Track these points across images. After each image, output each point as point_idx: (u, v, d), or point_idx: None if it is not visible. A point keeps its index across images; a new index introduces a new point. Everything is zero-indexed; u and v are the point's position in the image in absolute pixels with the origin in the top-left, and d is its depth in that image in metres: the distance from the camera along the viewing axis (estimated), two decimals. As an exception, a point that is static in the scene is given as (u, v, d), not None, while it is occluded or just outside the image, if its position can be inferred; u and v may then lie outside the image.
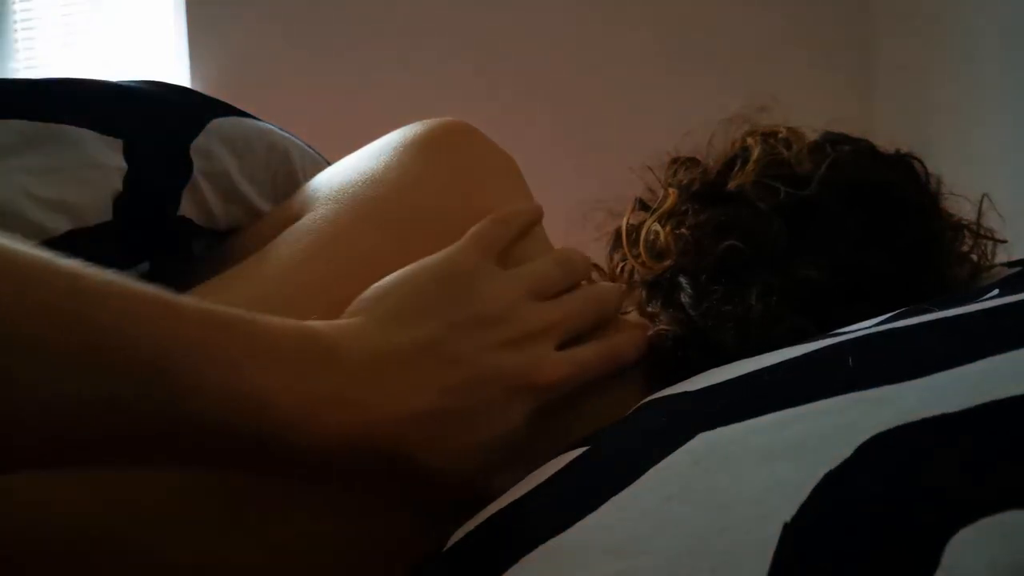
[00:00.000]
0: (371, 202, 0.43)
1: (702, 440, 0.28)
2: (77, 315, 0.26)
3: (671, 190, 0.56)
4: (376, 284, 0.37)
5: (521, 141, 0.65)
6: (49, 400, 0.26)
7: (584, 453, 0.33)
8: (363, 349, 0.33)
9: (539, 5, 1.93)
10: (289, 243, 0.42)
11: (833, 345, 0.31)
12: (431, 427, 0.33)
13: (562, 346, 0.38)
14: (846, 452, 0.23)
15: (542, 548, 0.28)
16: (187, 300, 0.30)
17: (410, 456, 0.32)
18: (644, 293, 0.54)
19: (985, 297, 0.34)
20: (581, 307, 0.40)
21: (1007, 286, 0.38)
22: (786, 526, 0.22)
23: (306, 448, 0.30)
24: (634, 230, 0.57)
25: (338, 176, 0.46)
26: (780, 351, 0.33)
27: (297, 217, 0.45)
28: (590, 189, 0.63)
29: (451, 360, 0.34)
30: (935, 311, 0.31)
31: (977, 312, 0.30)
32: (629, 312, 0.56)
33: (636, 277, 0.56)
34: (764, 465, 0.25)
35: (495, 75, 1.88)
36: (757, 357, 0.34)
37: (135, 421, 0.28)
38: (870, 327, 0.33)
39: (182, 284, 0.45)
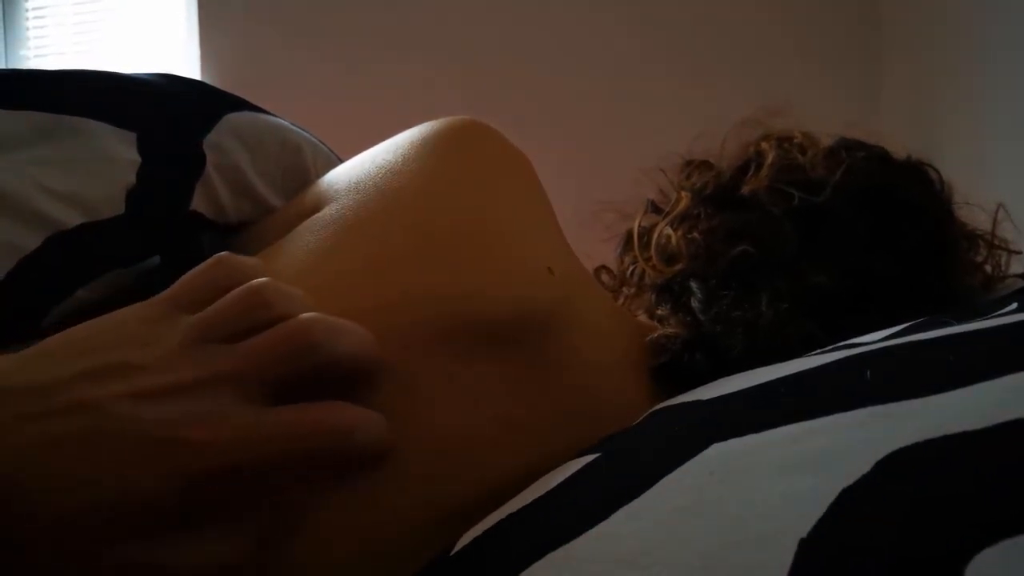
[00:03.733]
0: (393, 194, 0.42)
1: (716, 451, 0.27)
2: None
3: (683, 193, 0.56)
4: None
5: (532, 140, 0.64)
6: None
7: (595, 460, 0.33)
8: None
9: (551, 5, 1.93)
10: (311, 233, 0.42)
11: (850, 357, 0.31)
12: (41, 476, 0.28)
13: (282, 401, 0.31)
14: (864, 468, 0.23)
15: (551, 556, 0.28)
16: None
17: (9, 505, 0.28)
18: (654, 296, 0.54)
19: (1004, 311, 0.33)
20: (265, 353, 0.31)
21: (1025, 299, 0.37)
22: (802, 542, 0.22)
23: None
24: (645, 232, 0.57)
25: (355, 170, 0.46)
26: (795, 361, 0.33)
27: (311, 212, 0.44)
28: (600, 189, 0.63)
29: (74, 406, 0.29)
30: (954, 324, 0.31)
31: (999, 327, 0.29)
32: (638, 315, 0.56)
33: (646, 280, 0.56)
34: (780, 479, 0.24)
35: (507, 74, 1.88)
36: (772, 367, 0.33)
37: None
38: (888, 339, 0.32)
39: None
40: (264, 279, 0.33)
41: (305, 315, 0.32)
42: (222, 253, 0.34)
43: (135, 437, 0.29)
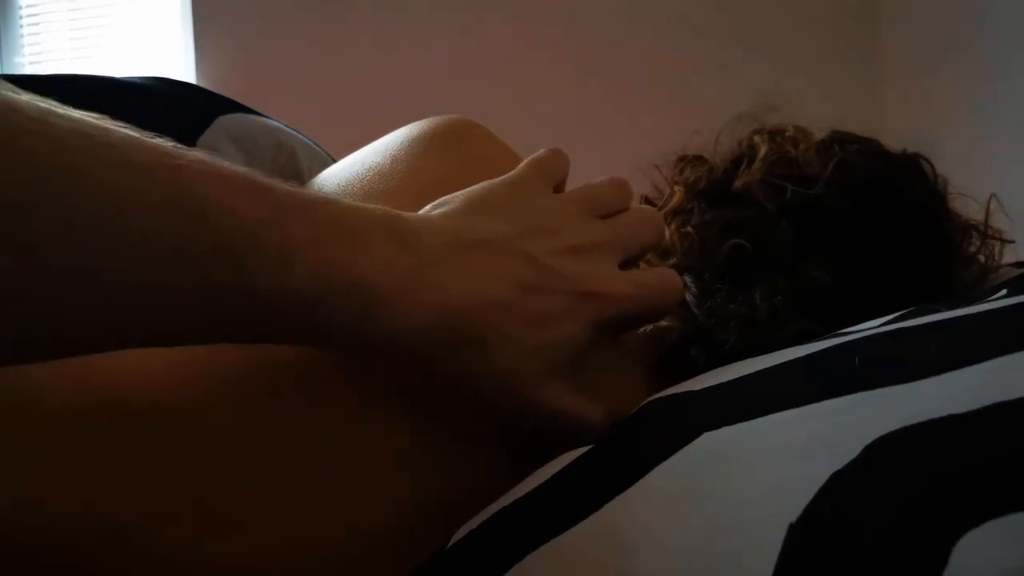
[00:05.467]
0: (382, 196, 0.42)
1: (707, 440, 0.28)
2: (165, 200, 0.27)
3: (677, 188, 0.56)
4: (441, 198, 0.37)
5: (527, 139, 0.64)
6: (139, 289, 0.27)
7: (588, 451, 0.33)
8: (445, 235, 0.33)
9: (545, 6, 1.93)
10: None
11: (839, 345, 0.31)
12: (504, 318, 0.33)
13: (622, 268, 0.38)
14: (853, 453, 0.23)
15: (546, 546, 0.28)
16: (270, 181, 0.31)
17: (483, 344, 0.33)
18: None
19: (993, 297, 0.34)
20: (636, 226, 0.39)
21: (1015, 286, 0.37)
22: (791, 527, 0.22)
23: (390, 326, 0.31)
24: (640, 228, 0.57)
25: (345, 172, 0.46)
26: (786, 351, 0.33)
27: (303, 214, 0.44)
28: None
29: (526, 258, 0.34)
30: (943, 311, 0.31)
31: (985, 312, 0.30)
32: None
33: (641, 275, 0.56)
34: (769, 465, 0.25)
35: (501, 72, 1.88)
36: (763, 356, 0.34)
37: (225, 304, 0.28)
38: (876, 326, 0.33)
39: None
40: (617, 177, 0.41)
41: (648, 208, 0.42)
42: (558, 148, 0.41)
43: (564, 287, 0.35)
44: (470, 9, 1.93)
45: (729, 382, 0.32)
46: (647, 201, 0.59)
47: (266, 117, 0.54)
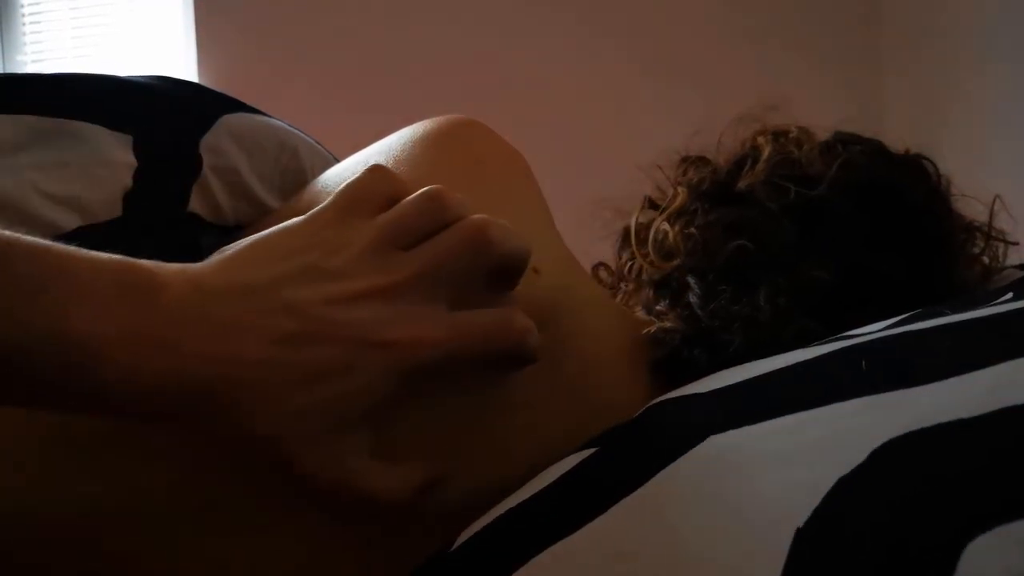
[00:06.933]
0: None
1: (713, 443, 0.28)
2: None
3: (680, 189, 0.56)
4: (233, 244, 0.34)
5: (530, 139, 0.64)
6: None
7: (593, 454, 0.33)
8: (188, 289, 0.30)
9: (547, 3, 1.93)
10: None
11: (846, 348, 0.31)
12: (257, 377, 0.30)
13: (457, 303, 0.33)
14: (860, 457, 0.23)
15: (550, 550, 0.28)
16: None
17: (232, 406, 0.30)
18: (652, 292, 0.54)
19: (999, 301, 0.33)
20: (456, 249, 0.33)
21: (1021, 289, 0.37)
22: (798, 532, 0.22)
23: (113, 386, 0.28)
24: (643, 229, 0.57)
25: (347, 171, 0.46)
26: (792, 353, 0.33)
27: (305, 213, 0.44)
28: (598, 187, 0.63)
29: (286, 309, 0.31)
30: (949, 314, 0.31)
31: (992, 316, 0.29)
32: (636, 311, 0.56)
33: (644, 276, 0.56)
34: (776, 470, 0.24)
35: (502, 71, 1.88)
36: (769, 359, 0.34)
37: None
38: (883, 330, 0.32)
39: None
40: (437, 186, 0.35)
41: (478, 215, 0.33)
42: (378, 164, 0.36)
43: (342, 337, 0.31)
44: (478, 6, 1.93)
45: (736, 385, 0.32)
46: (650, 202, 0.59)
47: (270, 117, 0.54)
